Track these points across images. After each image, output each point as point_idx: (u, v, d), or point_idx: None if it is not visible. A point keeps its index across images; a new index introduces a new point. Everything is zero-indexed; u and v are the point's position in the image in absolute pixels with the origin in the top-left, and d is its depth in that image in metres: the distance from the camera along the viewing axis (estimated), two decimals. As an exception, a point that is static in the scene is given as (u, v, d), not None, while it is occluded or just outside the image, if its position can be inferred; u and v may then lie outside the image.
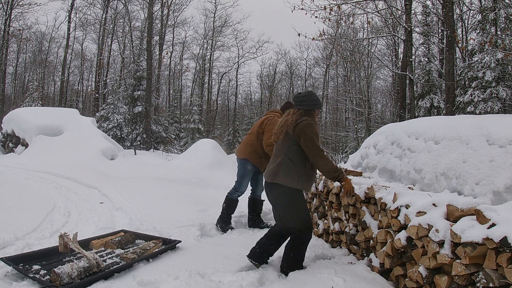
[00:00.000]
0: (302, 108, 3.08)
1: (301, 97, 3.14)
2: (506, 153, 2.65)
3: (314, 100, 3.12)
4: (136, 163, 9.95)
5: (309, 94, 3.16)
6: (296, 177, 2.99)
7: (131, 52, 23.65)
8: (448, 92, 10.49)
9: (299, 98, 3.14)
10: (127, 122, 19.65)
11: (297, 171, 2.99)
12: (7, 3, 22.85)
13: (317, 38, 11.01)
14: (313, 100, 3.11)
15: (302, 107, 3.08)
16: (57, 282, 2.68)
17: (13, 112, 13.07)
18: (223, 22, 31.33)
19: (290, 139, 3.00)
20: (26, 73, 32.53)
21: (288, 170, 2.99)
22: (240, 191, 4.61)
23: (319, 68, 33.97)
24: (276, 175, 3.03)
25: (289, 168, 2.99)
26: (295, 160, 2.99)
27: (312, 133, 2.94)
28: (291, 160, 2.99)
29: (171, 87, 32.76)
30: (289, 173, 2.99)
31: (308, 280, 2.91)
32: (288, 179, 2.99)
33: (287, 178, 2.99)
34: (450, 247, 2.34)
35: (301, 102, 3.10)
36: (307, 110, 3.08)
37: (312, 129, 2.96)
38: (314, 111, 3.11)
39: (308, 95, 3.15)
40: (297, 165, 2.99)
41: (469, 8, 15.42)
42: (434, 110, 15.20)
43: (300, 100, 3.11)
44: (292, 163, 2.99)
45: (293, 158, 2.99)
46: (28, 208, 4.83)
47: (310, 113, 3.09)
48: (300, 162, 3.00)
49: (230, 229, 4.50)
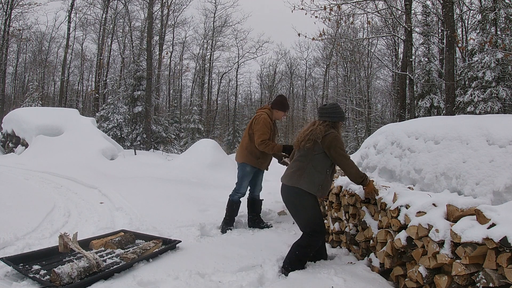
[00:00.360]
0: (328, 120, 3.25)
1: (327, 109, 3.30)
2: (506, 153, 2.65)
3: (339, 113, 3.30)
4: (136, 163, 9.95)
5: (334, 107, 3.34)
6: (317, 184, 3.17)
7: (131, 52, 23.66)
8: (448, 92, 10.49)
9: (324, 110, 3.30)
10: (127, 122, 19.65)
11: (319, 178, 3.17)
12: (7, 3, 22.85)
13: (317, 38, 11.01)
14: (338, 113, 3.29)
15: (328, 119, 3.25)
16: (57, 282, 2.68)
17: (13, 112, 13.06)
18: (223, 22, 31.39)
19: (317, 148, 3.16)
20: (26, 73, 32.53)
21: (311, 176, 3.16)
22: (241, 192, 4.62)
23: (319, 68, 34.02)
24: (298, 180, 3.18)
25: (312, 174, 3.17)
26: (318, 167, 3.17)
27: (340, 144, 3.17)
28: (314, 167, 3.17)
29: (171, 87, 32.77)
30: (311, 180, 3.16)
31: (308, 280, 2.91)
32: (309, 185, 3.15)
33: (309, 184, 3.15)
34: (450, 247, 2.34)
35: (326, 114, 3.27)
36: (333, 122, 3.25)
37: (340, 141, 3.18)
38: (338, 123, 3.30)
39: (333, 108, 3.32)
40: (320, 172, 3.17)
41: (469, 8, 15.43)
42: (434, 110, 15.20)
43: (325, 112, 3.28)
44: (315, 170, 3.17)
45: (317, 166, 3.17)
46: (28, 208, 4.83)
47: (335, 124, 3.27)
48: (322, 169, 3.19)
49: (229, 229, 4.50)
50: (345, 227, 3.76)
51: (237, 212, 4.69)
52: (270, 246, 3.83)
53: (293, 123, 40.16)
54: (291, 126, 40.18)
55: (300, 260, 3.18)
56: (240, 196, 4.63)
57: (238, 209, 4.68)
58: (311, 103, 39.29)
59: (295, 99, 41.57)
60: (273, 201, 5.68)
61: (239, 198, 4.64)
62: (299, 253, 3.18)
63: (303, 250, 3.19)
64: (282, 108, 4.54)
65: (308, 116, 38.83)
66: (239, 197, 4.62)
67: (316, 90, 37.31)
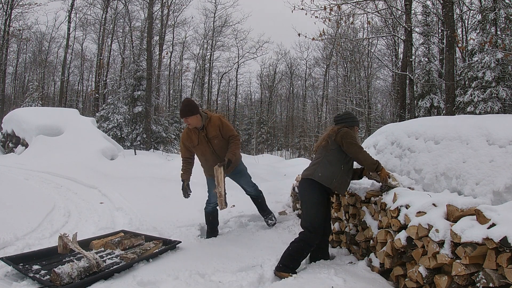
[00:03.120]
0: (343, 125, 3.43)
1: (341, 116, 3.56)
2: (506, 153, 2.65)
3: (352, 118, 3.54)
4: (136, 163, 9.94)
5: (347, 114, 3.62)
6: (331, 177, 3.26)
7: (131, 52, 23.61)
8: (448, 92, 10.49)
9: (339, 117, 3.55)
10: (127, 122, 19.65)
11: (332, 172, 3.27)
12: (7, 3, 22.84)
13: (317, 38, 11.00)
14: (351, 118, 3.53)
15: (343, 124, 3.44)
16: (57, 282, 2.68)
17: (13, 112, 13.06)
18: (223, 22, 31.37)
19: (331, 144, 3.33)
20: (26, 73, 32.51)
21: (325, 168, 3.29)
22: (211, 202, 4.34)
23: (319, 68, 34.04)
24: (313, 172, 3.32)
25: (325, 167, 3.29)
26: (332, 161, 3.30)
27: (351, 137, 3.29)
28: (329, 161, 3.31)
29: (171, 87, 32.75)
30: (325, 172, 3.27)
31: (308, 280, 2.91)
32: (323, 177, 3.26)
33: (322, 176, 3.26)
34: (450, 247, 2.34)
35: (341, 121, 3.49)
36: (348, 127, 3.42)
37: (351, 134, 3.32)
38: (353, 128, 3.49)
39: (347, 114, 3.60)
40: (334, 166, 3.29)
41: (469, 8, 15.41)
42: (434, 110, 15.20)
43: (340, 119, 3.52)
44: (329, 164, 3.30)
45: (331, 160, 3.30)
46: (28, 208, 4.83)
47: (350, 129, 3.43)
48: (337, 164, 3.30)
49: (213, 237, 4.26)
50: (345, 227, 3.77)
51: (216, 223, 4.41)
52: (270, 246, 3.83)
53: (293, 123, 40.19)
54: (291, 126, 40.22)
55: (291, 255, 3.15)
56: (212, 206, 4.33)
57: (215, 219, 4.39)
58: (311, 103, 39.31)
59: (295, 99, 41.60)
60: (273, 201, 5.68)
61: (212, 208, 4.34)
62: (291, 248, 3.19)
63: (295, 245, 3.19)
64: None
65: (308, 116, 38.85)
66: (212, 207, 4.34)
67: (316, 90, 37.34)
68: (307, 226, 3.23)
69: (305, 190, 3.35)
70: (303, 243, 3.19)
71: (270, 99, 37.53)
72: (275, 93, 38.45)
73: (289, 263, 3.12)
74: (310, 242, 3.21)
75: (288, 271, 3.05)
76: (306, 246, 3.21)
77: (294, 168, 10.91)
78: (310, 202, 3.29)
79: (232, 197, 6.23)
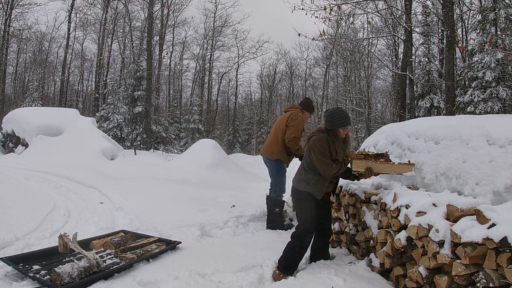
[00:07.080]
0: (327, 126, 3.20)
1: (325, 115, 3.24)
2: (506, 153, 2.65)
3: (333, 120, 3.13)
4: (136, 163, 9.94)
5: (330, 114, 3.16)
6: (305, 183, 3.27)
7: (131, 52, 23.59)
8: (448, 92, 10.49)
9: (324, 114, 3.28)
10: (127, 122, 19.63)
11: (307, 177, 3.27)
12: (7, 3, 22.82)
13: (317, 38, 11.02)
14: (332, 120, 3.13)
15: (326, 125, 3.21)
16: (57, 281, 2.68)
17: (13, 112, 13.06)
18: (223, 22, 31.32)
19: (307, 150, 3.28)
20: (26, 73, 32.48)
21: (301, 175, 3.33)
22: (284, 190, 4.68)
23: (319, 68, 33.98)
24: (295, 180, 3.41)
25: (302, 173, 3.33)
26: (307, 167, 3.29)
27: (319, 147, 3.09)
28: (304, 168, 3.32)
29: (171, 87, 32.72)
30: (301, 178, 3.32)
31: (308, 280, 2.91)
32: (299, 183, 3.32)
33: (299, 182, 3.33)
34: (450, 247, 2.34)
35: (325, 119, 3.23)
36: (327, 130, 3.19)
37: (320, 144, 3.10)
38: (334, 131, 3.16)
39: (329, 115, 3.16)
40: (308, 172, 3.28)
41: (469, 8, 15.40)
42: (434, 110, 15.19)
43: (324, 117, 3.25)
44: (304, 170, 3.31)
45: (306, 167, 3.30)
46: (28, 208, 4.83)
47: (330, 132, 3.18)
48: (310, 169, 3.26)
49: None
50: (345, 227, 3.76)
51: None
52: (270, 246, 3.84)
53: (293, 123, 40.02)
54: (291, 126, 40.05)
55: (287, 256, 3.22)
56: (283, 195, 4.70)
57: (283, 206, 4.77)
58: (311, 103, 39.15)
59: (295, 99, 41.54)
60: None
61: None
62: (287, 249, 3.26)
63: (292, 248, 3.24)
64: (310, 110, 4.78)
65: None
66: (283, 196, 4.69)
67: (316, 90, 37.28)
68: (301, 228, 3.29)
69: (293, 197, 3.51)
70: (300, 247, 3.24)
71: (270, 99, 37.45)
72: (275, 93, 38.37)
73: (285, 263, 3.18)
74: (305, 243, 3.25)
75: (284, 271, 3.12)
76: (302, 249, 3.24)
77: (294, 168, 10.90)
78: (299, 206, 3.38)
79: (232, 197, 6.25)
